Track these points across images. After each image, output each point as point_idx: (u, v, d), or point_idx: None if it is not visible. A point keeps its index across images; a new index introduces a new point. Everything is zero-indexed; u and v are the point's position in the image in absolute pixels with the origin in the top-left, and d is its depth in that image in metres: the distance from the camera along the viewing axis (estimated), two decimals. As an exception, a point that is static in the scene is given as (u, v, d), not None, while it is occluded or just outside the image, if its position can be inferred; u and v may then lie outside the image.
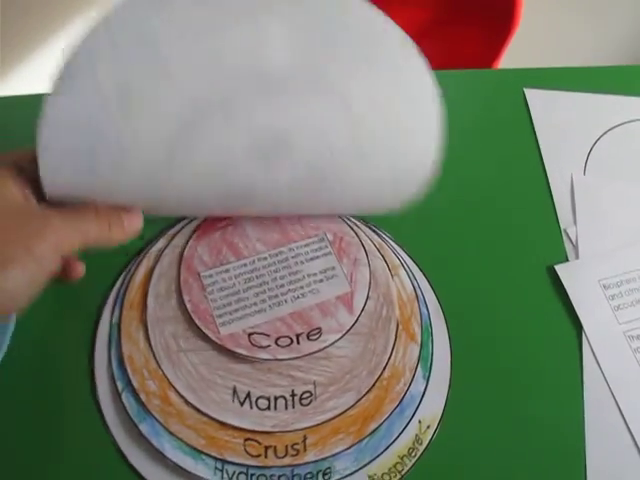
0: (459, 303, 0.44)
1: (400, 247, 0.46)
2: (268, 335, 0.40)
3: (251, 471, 0.37)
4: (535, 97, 0.56)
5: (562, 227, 0.49)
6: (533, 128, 0.54)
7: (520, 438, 0.40)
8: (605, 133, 0.55)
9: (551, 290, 0.46)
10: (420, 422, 0.40)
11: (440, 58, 0.54)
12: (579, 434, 0.41)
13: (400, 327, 0.42)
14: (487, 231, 0.48)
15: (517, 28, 0.77)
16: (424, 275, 0.45)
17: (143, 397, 0.38)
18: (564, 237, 0.48)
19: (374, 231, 0.46)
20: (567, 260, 0.47)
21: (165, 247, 0.43)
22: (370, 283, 0.42)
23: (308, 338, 0.40)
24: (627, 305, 0.46)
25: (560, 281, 0.46)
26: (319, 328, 0.40)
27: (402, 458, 0.39)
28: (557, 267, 0.47)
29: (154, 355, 0.39)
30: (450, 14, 0.81)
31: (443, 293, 0.45)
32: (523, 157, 0.53)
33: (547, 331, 0.44)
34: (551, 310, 0.45)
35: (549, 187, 0.51)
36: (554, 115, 0.55)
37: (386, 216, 0.44)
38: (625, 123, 0.56)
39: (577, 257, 0.48)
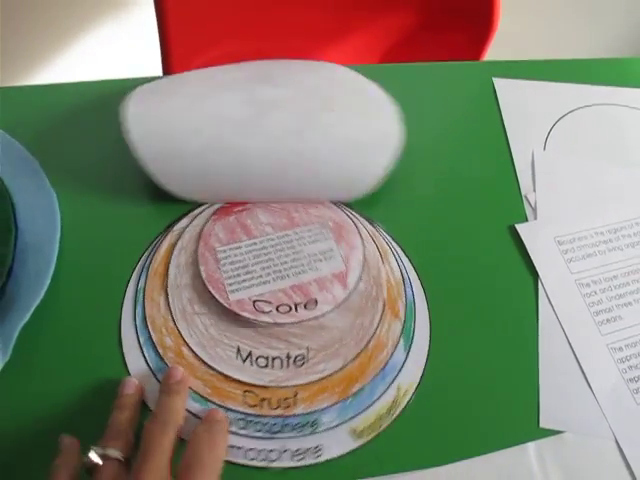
0: (439, 282, 0.51)
1: (391, 237, 0.52)
2: (270, 302, 0.46)
3: (249, 418, 0.43)
4: (502, 85, 0.64)
5: (523, 193, 0.56)
6: (500, 112, 0.62)
7: (484, 368, 0.47)
8: (564, 116, 0.63)
9: (512, 246, 0.53)
10: (399, 388, 0.45)
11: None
12: (534, 364, 0.47)
13: (386, 306, 0.48)
14: (458, 200, 0.56)
15: (495, 32, 0.83)
16: (410, 262, 0.51)
17: (161, 350, 0.45)
18: (524, 202, 0.56)
19: (369, 221, 0.52)
20: (527, 220, 0.54)
21: (187, 226, 0.50)
22: (363, 265, 0.48)
23: (305, 307, 0.46)
24: (578, 258, 0.53)
25: (520, 238, 0.53)
26: (315, 299, 0.46)
27: (381, 417, 0.44)
28: (517, 226, 0.54)
29: (172, 316, 0.46)
30: (431, 20, 0.86)
31: (426, 278, 0.50)
32: (491, 137, 0.60)
33: (509, 279, 0.51)
34: (512, 263, 0.52)
35: (512, 161, 0.59)
36: (519, 100, 0.63)
37: (378, 209, 0.52)
38: (582, 108, 0.64)
39: (535, 218, 0.55)
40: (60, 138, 0.55)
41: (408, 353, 0.47)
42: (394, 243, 0.52)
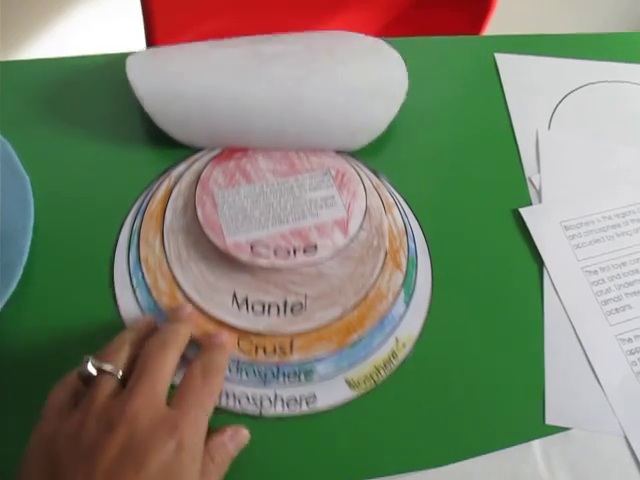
0: (442, 241, 0.49)
1: (395, 189, 0.51)
2: (268, 246, 0.44)
3: (242, 365, 0.42)
4: (504, 61, 0.61)
5: (527, 175, 0.53)
6: (502, 89, 0.59)
7: (487, 360, 0.45)
8: (570, 93, 0.60)
9: (516, 231, 0.50)
10: (397, 340, 0.44)
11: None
12: (540, 356, 0.45)
13: (388, 256, 0.46)
14: (463, 180, 0.53)
15: (494, 10, 0.80)
16: (414, 215, 0.50)
17: (154, 294, 0.43)
18: (529, 184, 0.53)
19: (373, 172, 0.51)
20: (531, 204, 0.52)
21: (185, 170, 0.49)
22: (365, 214, 0.47)
23: (304, 252, 0.44)
24: (586, 244, 0.50)
25: (524, 223, 0.50)
26: (315, 245, 0.45)
27: (378, 369, 0.43)
28: (521, 210, 0.51)
29: (167, 260, 0.45)
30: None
31: (429, 232, 0.49)
32: (492, 116, 0.57)
33: (513, 267, 0.49)
34: (515, 250, 0.50)
35: (516, 141, 0.56)
36: (522, 77, 0.60)
37: (384, 160, 0.51)
38: (587, 85, 0.61)
39: (540, 202, 0.52)
40: (32, 118, 0.51)
41: (408, 305, 0.46)
42: (398, 195, 0.50)
